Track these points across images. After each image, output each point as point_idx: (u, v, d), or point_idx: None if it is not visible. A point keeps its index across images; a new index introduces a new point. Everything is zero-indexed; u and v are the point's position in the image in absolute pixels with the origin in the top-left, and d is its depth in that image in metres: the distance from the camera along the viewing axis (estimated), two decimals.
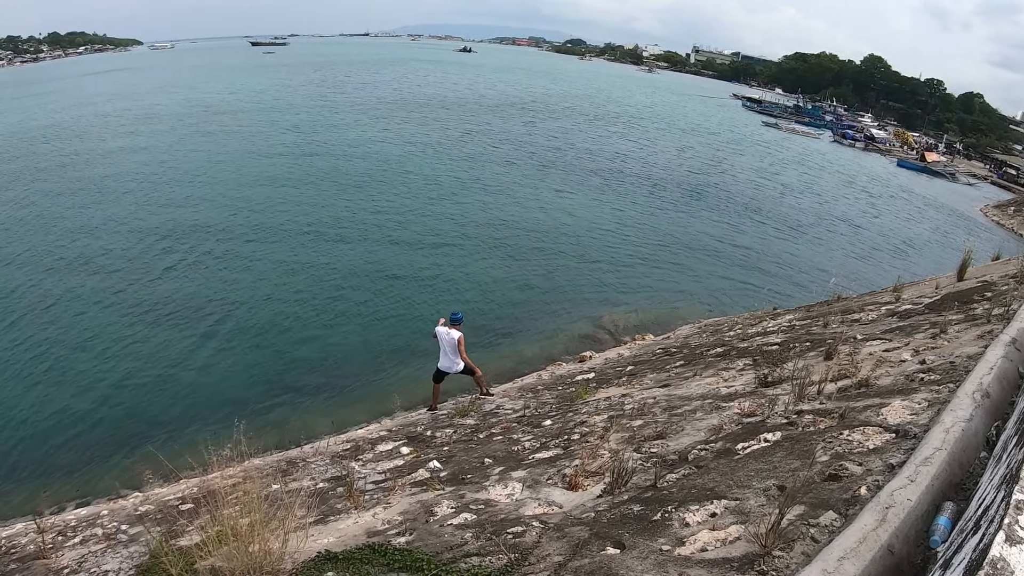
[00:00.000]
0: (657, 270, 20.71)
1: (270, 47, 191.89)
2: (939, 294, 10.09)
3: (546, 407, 8.34)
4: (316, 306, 16.23)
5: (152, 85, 74.15)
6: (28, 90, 79.32)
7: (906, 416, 4.14)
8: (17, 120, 48.75)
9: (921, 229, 35.15)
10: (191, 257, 19.17)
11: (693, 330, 14.84)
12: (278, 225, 22.01)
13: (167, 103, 55.22)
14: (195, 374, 13.19)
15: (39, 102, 61.97)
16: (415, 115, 50.77)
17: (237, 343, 14.42)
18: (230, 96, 60.19)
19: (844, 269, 22.87)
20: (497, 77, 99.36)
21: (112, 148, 35.46)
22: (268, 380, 13.00)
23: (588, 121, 55.78)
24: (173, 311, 15.77)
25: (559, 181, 31.56)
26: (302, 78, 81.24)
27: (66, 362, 13.54)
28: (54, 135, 40.46)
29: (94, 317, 15.44)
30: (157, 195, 25.62)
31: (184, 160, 31.85)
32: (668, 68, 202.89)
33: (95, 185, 27.41)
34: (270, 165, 30.76)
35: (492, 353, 14.31)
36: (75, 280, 17.57)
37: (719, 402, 5.86)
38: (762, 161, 47.37)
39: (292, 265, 18.63)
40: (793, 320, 11.55)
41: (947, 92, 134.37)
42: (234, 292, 16.81)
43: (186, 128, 41.54)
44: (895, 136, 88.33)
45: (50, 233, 21.35)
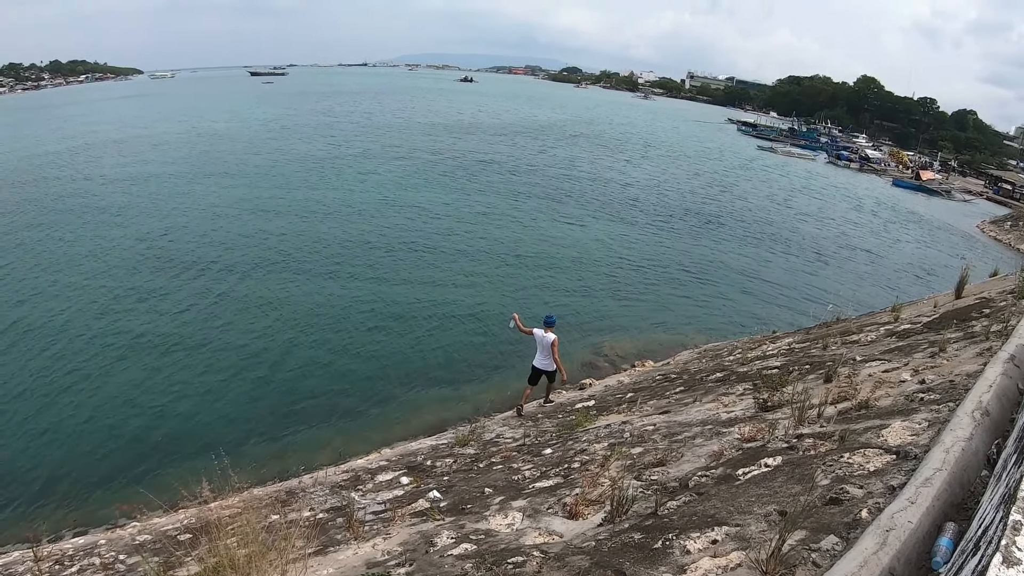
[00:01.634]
0: (657, 296, 20.70)
1: (269, 77, 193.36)
2: (937, 313, 10.11)
3: (546, 435, 8.29)
4: (316, 336, 16.17)
5: (158, 114, 75.18)
6: (36, 115, 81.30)
7: (906, 437, 4.12)
8: (29, 144, 49.71)
9: (918, 248, 35.28)
10: (192, 285, 19.23)
11: (693, 355, 14.80)
12: (281, 256, 22.03)
13: (175, 131, 55.89)
14: (195, 403, 13.13)
15: (47, 128, 63.33)
16: (423, 144, 51.42)
17: (236, 372, 14.35)
18: (237, 125, 60.85)
19: (842, 290, 22.91)
20: (500, 106, 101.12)
21: (122, 175, 35.81)
22: (268, 410, 12.92)
23: (591, 148, 56.34)
24: (173, 340, 15.74)
25: (558, 208, 31.71)
26: (306, 107, 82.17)
27: (65, 389, 13.50)
28: (66, 161, 41.12)
29: (94, 344, 15.40)
30: (162, 223, 25.74)
31: (189, 190, 32.05)
32: (664, 94, 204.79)
33: (100, 212, 27.66)
34: (276, 195, 30.94)
35: (492, 380, 14.31)
36: (75, 305, 17.64)
37: (719, 428, 5.83)
38: (757, 185, 47.66)
39: (292, 296, 18.62)
40: (792, 343, 11.54)
41: (940, 110, 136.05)
42: (234, 322, 16.79)
43: (193, 158, 41.91)
44: (890, 156, 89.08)
45: (53, 258, 21.52)
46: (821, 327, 13.00)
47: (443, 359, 15.24)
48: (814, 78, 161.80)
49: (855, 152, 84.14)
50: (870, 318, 12.45)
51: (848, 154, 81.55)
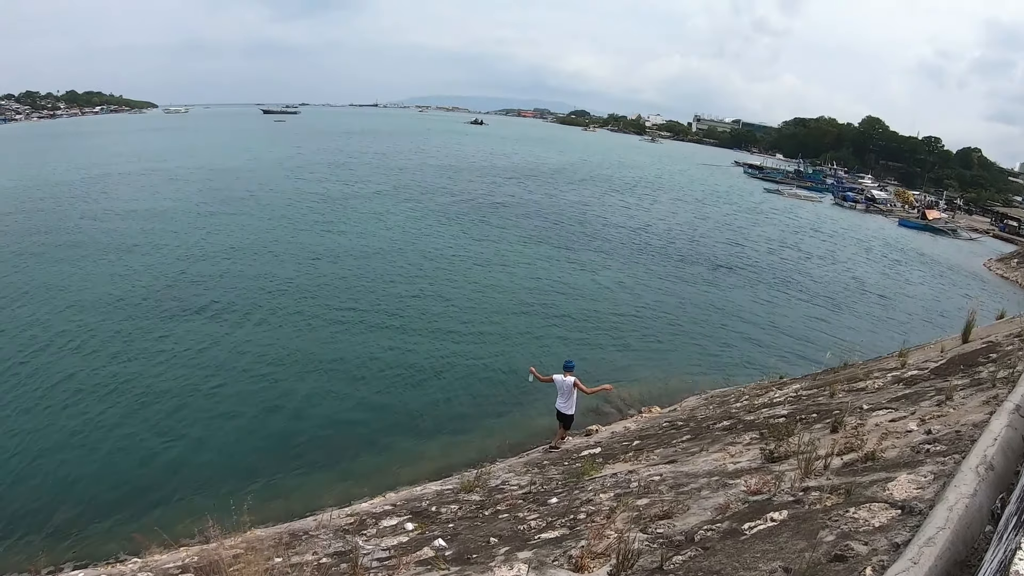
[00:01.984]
0: (664, 340, 20.68)
1: (281, 115, 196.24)
2: (944, 358, 10.07)
3: (552, 483, 8.24)
4: (322, 378, 16.22)
5: (173, 148, 77.42)
6: (53, 144, 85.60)
7: (912, 491, 4.11)
8: (45, 173, 51.65)
9: (925, 289, 35.24)
10: (201, 324, 19.38)
11: (700, 401, 14.72)
12: (289, 297, 22.22)
13: (190, 167, 57.36)
14: (200, 440, 13.16)
15: (64, 157, 65.93)
16: (434, 185, 52.55)
17: (242, 411, 14.40)
18: (251, 163, 62.23)
19: (849, 334, 22.85)
20: (510, 148, 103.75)
21: (137, 209, 36.65)
22: (273, 449, 12.93)
23: (600, 192, 57.20)
24: (178, 374, 15.86)
25: (566, 252, 31.95)
26: (320, 147, 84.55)
27: (67, 421, 13.57)
28: (81, 192, 42.39)
29: (100, 379, 15.50)
30: (175, 260, 26.17)
31: (203, 226, 32.67)
32: (671, 137, 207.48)
33: (114, 246, 28.24)
34: (288, 235, 31.39)
35: (498, 426, 14.27)
36: (84, 337, 17.87)
37: (725, 479, 5.81)
38: (764, 228, 48.01)
39: (300, 337, 18.70)
40: (800, 390, 11.48)
41: (945, 149, 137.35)
42: (240, 361, 16.88)
43: (207, 194, 42.75)
44: (896, 196, 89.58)
45: (65, 291, 21.94)
46: (828, 373, 12.95)
47: (449, 404, 15.24)
48: (819, 119, 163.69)
49: (861, 193, 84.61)
50: (877, 364, 12.40)
51: (854, 195, 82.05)
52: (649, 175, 79.78)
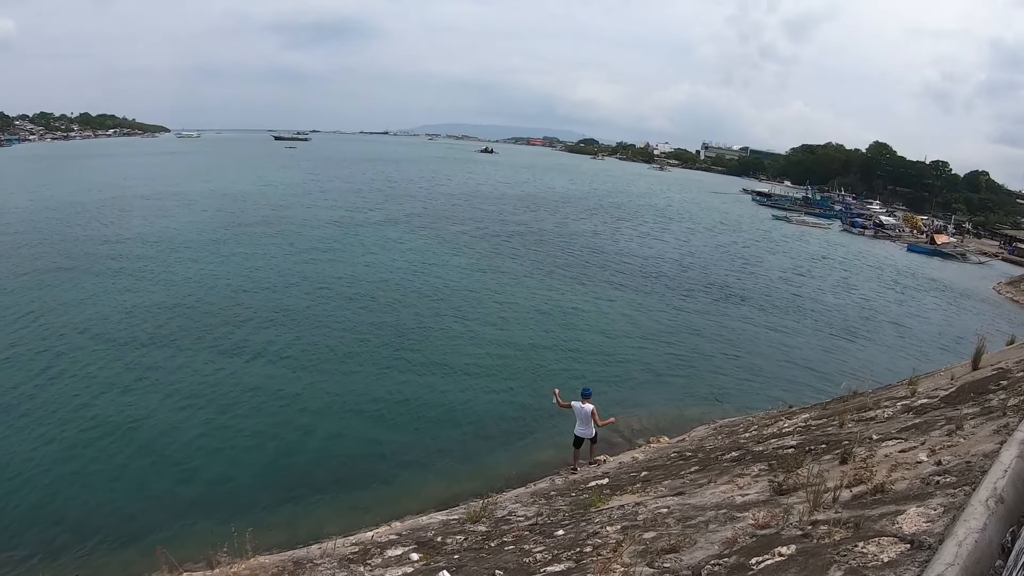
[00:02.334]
0: (673, 370, 20.52)
1: (292, 142, 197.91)
2: (954, 386, 10.00)
3: (559, 515, 8.16)
4: (329, 405, 16.19)
5: (187, 173, 79.38)
6: (68, 165, 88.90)
7: (922, 524, 4.06)
8: (62, 194, 52.94)
9: (935, 314, 35.03)
10: (207, 347, 19.51)
11: (708, 432, 14.60)
12: (299, 322, 22.33)
13: (203, 191, 58.52)
14: (203, 466, 13.12)
15: (79, 177, 68.79)
16: (447, 212, 53.24)
17: (248, 437, 14.38)
18: (264, 189, 63.30)
19: (859, 361, 22.69)
20: (521, 176, 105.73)
21: (151, 232, 37.26)
22: (278, 476, 12.87)
23: (611, 220, 57.51)
24: (184, 400, 15.88)
25: (576, 281, 31.99)
26: (332, 173, 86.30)
27: (71, 444, 13.58)
28: (95, 215, 43.05)
29: (104, 402, 15.57)
30: (189, 283, 26.50)
31: (217, 250, 33.12)
32: (679, 165, 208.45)
33: (126, 265, 28.93)
34: (301, 261, 31.73)
35: (505, 455, 14.17)
36: (87, 361, 17.97)
37: (733, 512, 5.75)
38: (773, 256, 48.04)
39: (308, 363, 18.71)
40: (809, 419, 11.39)
41: (953, 173, 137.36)
42: (248, 385, 16.90)
43: (220, 219, 43.47)
44: (904, 221, 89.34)
45: (82, 308, 22.44)
46: (837, 402, 12.85)
47: (456, 433, 15.13)
48: (827, 146, 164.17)
49: (869, 219, 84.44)
50: (887, 392, 12.31)
51: (862, 221, 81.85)
52: (659, 203, 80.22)
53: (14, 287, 24.65)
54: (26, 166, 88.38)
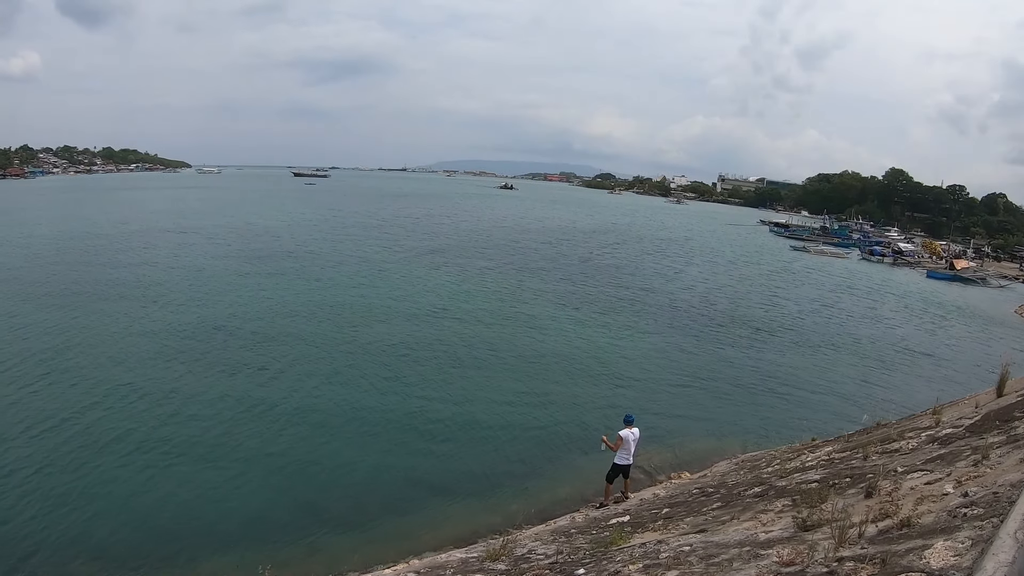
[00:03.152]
0: (693, 404, 20.30)
1: (312, 178, 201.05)
2: (979, 414, 9.84)
3: (579, 553, 8.03)
4: (347, 438, 16.17)
5: (211, 207, 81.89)
6: (94, 197, 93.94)
7: (949, 559, 3.97)
8: (85, 226, 54.80)
9: (958, 341, 34.55)
10: (229, 376, 19.79)
11: (730, 467, 14.39)
12: (320, 353, 22.54)
13: (229, 226, 60.01)
14: (220, 496, 13.13)
15: (104, 209, 72.48)
16: (471, 247, 54.01)
17: (265, 467, 14.41)
18: (288, 224, 64.53)
19: (883, 391, 22.40)
20: (541, 212, 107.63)
21: (178, 265, 38.22)
22: (296, 507, 12.83)
23: (634, 255, 57.84)
24: (204, 429, 16.04)
25: (599, 314, 31.99)
26: (354, 209, 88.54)
27: (80, 471, 13.66)
28: (122, 246, 44.67)
29: (121, 430, 15.73)
30: (211, 314, 26.91)
31: (242, 284, 33.72)
32: (696, 198, 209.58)
33: (154, 295, 29.75)
34: (324, 296, 32.00)
35: (524, 491, 14.00)
36: (107, 389, 18.27)
37: (757, 549, 5.65)
38: (793, 287, 47.79)
39: (327, 395, 18.77)
40: (832, 452, 11.21)
41: (970, 196, 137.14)
42: (266, 419, 16.95)
43: (246, 253, 44.22)
44: (923, 247, 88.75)
45: (112, 339, 22.83)
46: (861, 434, 12.66)
47: (475, 468, 15.04)
48: (843, 174, 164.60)
49: (887, 246, 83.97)
50: (911, 422, 12.11)
51: (881, 249, 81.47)
52: (678, 236, 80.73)
53: (46, 317, 25.24)
54: (52, 198, 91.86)
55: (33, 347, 21.59)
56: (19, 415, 16.15)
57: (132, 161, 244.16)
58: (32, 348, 21.49)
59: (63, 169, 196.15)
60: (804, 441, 14.75)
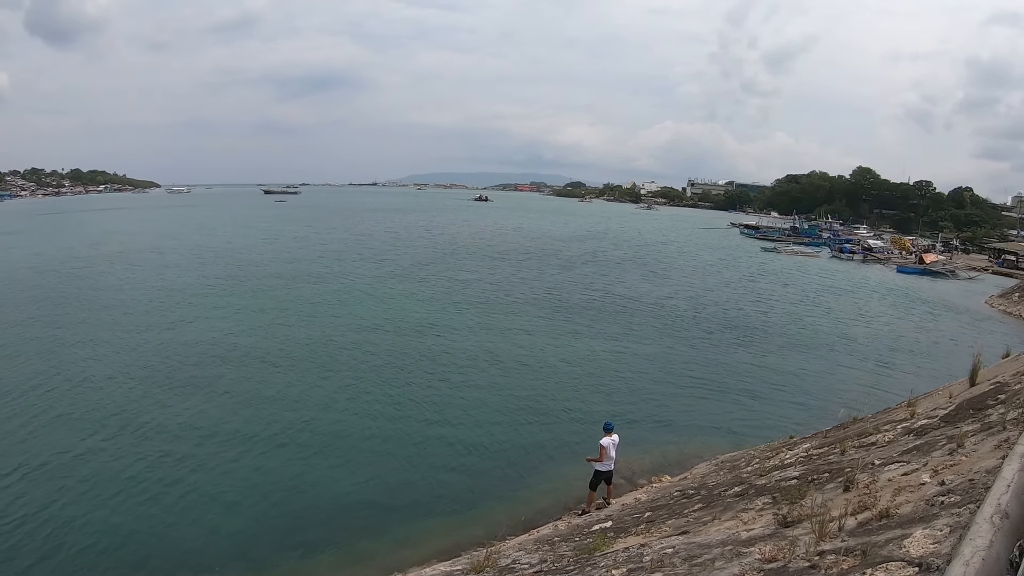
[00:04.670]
0: (670, 407, 20.34)
1: (282, 196, 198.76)
2: (953, 404, 9.95)
3: (563, 560, 7.97)
4: (328, 449, 16.16)
5: (184, 227, 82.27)
6: (64, 220, 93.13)
7: (928, 547, 3.98)
8: (62, 249, 54.23)
9: (929, 333, 35.07)
10: (208, 397, 19.67)
11: (710, 468, 14.41)
12: (299, 371, 22.48)
13: (207, 246, 60.17)
14: (199, 517, 12.93)
15: (78, 232, 73.09)
16: (452, 260, 54.33)
17: (243, 488, 14.20)
18: (264, 242, 64.64)
19: (857, 386, 22.64)
20: (515, 223, 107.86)
21: (162, 286, 38.01)
22: (274, 528, 12.66)
23: (613, 261, 58.44)
24: (183, 450, 15.86)
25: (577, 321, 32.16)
26: (329, 226, 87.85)
27: (65, 491, 13.54)
28: (102, 269, 44.34)
29: (106, 450, 15.66)
30: (201, 334, 26.94)
31: (228, 304, 33.57)
32: (666, 203, 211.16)
33: (142, 319, 29.58)
34: (309, 313, 31.93)
35: (506, 502, 13.93)
36: (89, 409, 18.24)
37: (739, 548, 5.63)
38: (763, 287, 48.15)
39: (306, 414, 18.56)
40: (810, 449, 11.28)
41: (937, 191, 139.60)
42: (243, 435, 16.80)
43: (229, 272, 44.13)
44: (892, 243, 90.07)
45: (85, 361, 22.80)
46: (838, 429, 12.75)
47: (456, 480, 14.93)
48: (811, 175, 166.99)
49: (857, 244, 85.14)
50: (886, 415, 12.22)
51: (851, 247, 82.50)
52: (652, 241, 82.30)
53: (30, 347, 24.74)
54: (22, 222, 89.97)
55: (21, 372, 21.46)
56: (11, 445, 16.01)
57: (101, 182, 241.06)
58: (20, 373, 21.34)
59: (31, 192, 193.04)
60: (782, 439, 14.84)
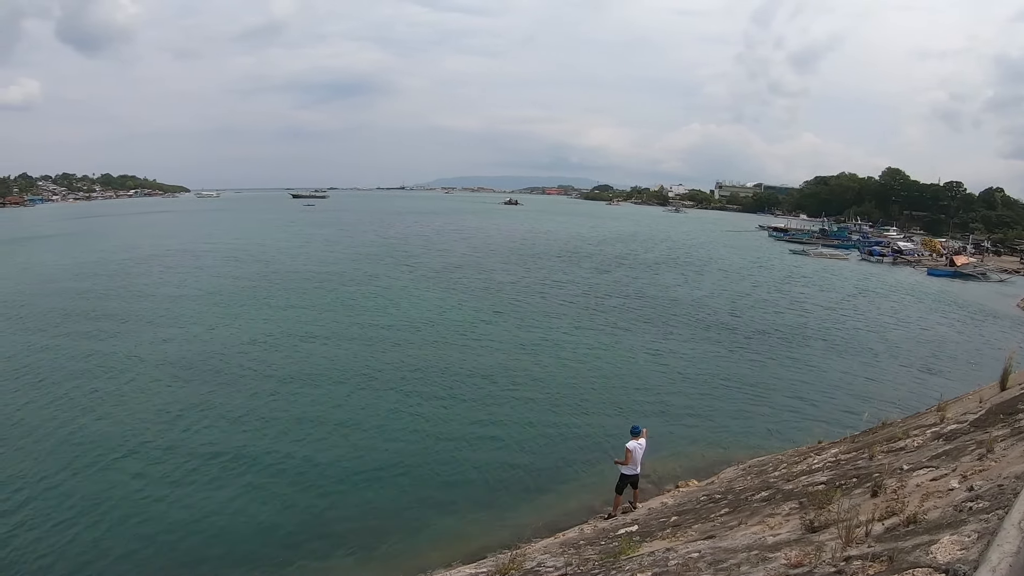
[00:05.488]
0: (699, 411, 20.21)
1: (310, 200, 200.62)
2: (983, 408, 9.84)
3: (589, 564, 8.01)
4: (351, 455, 16.20)
5: (217, 230, 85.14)
6: (95, 224, 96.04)
7: (956, 552, 3.98)
8: (96, 255, 55.64)
9: (961, 337, 34.48)
10: (241, 393, 20.19)
11: (737, 472, 14.34)
12: (334, 371, 22.83)
13: (242, 248, 61.64)
14: (227, 514, 13.20)
15: (112, 235, 76.29)
16: (487, 263, 54.88)
17: (272, 485, 14.47)
18: (297, 246, 66.00)
19: (887, 390, 22.38)
20: (546, 226, 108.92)
21: (201, 289, 39.02)
22: (296, 530, 12.77)
23: (645, 264, 58.57)
24: (211, 443, 16.34)
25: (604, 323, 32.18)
26: (361, 229, 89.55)
27: (82, 488, 13.89)
28: (143, 271, 46.30)
29: (132, 443, 16.11)
30: (237, 334, 27.68)
31: (265, 306, 34.34)
32: (694, 206, 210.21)
33: (183, 316, 30.97)
34: (346, 316, 32.35)
35: (532, 505, 14.00)
36: (114, 403, 18.95)
37: (765, 553, 5.64)
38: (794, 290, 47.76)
39: (333, 414, 18.83)
40: (838, 454, 11.19)
41: (968, 192, 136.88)
42: (271, 437, 17.07)
43: (266, 275, 45.00)
44: (922, 245, 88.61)
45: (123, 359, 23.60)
46: (866, 434, 12.63)
47: (483, 482, 15.01)
48: (840, 176, 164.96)
49: (887, 246, 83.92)
50: (915, 420, 12.09)
51: (880, 249, 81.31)
52: (682, 243, 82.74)
53: (70, 345, 25.71)
54: (58, 226, 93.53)
55: (67, 368, 22.44)
56: (40, 433, 16.74)
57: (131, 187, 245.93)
58: (65, 369, 22.33)
59: (62, 196, 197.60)
60: (810, 444, 14.70)
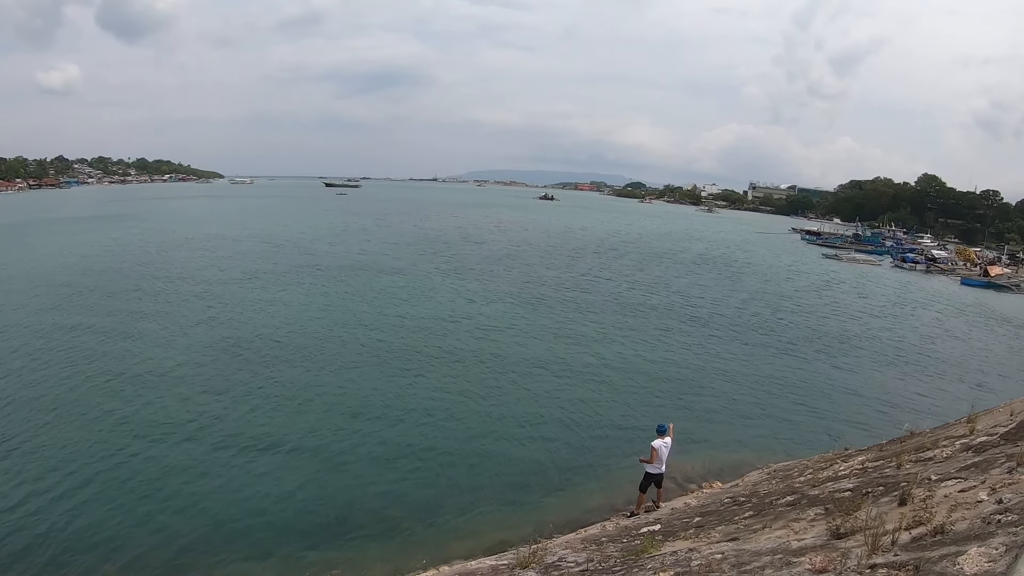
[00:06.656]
0: (725, 414, 20.11)
1: (343, 189, 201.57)
2: (1014, 421, 9.75)
3: (610, 561, 8.09)
4: (376, 445, 16.41)
5: (254, 216, 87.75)
6: (133, 207, 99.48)
7: (983, 564, 4.00)
8: (139, 236, 58.08)
9: (992, 348, 33.87)
10: (254, 382, 20.47)
11: (762, 476, 14.30)
12: (365, 360, 23.25)
13: (281, 235, 63.40)
14: (252, 501, 13.40)
15: (151, 217, 79.76)
16: (524, 257, 55.35)
17: (289, 474, 14.64)
18: (342, 233, 67.84)
19: (917, 400, 22.09)
20: (581, 222, 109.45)
21: (241, 271, 40.64)
22: (322, 515, 13.00)
23: (680, 264, 58.21)
24: (237, 428, 16.67)
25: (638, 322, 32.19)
26: (397, 219, 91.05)
27: (107, 481, 14.00)
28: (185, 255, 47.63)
29: (140, 434, 16.34)
30: (272, 318, 28.71)
31: (302, 291, 35.50)
32: (727, 206, 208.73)
33: (225, 299, 32.12)
34: (383, 305, 32.90)
35: (554, 500, 14.09)
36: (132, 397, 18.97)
37: (789, 557, 5.68)
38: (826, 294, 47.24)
39: (358, 403, 19.13)
40: (865, 462, 11.13)
41: (1005, 201, 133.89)
42: (292, 423, 17.36)
43: (306, 261, 46.58)
44: (956, 254, 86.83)
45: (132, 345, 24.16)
46: (894, 443, 12.53)
47: (506, 477, 15.10)
48: (875, 181, 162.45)
49: (920, 253, 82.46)
50: (945, 431, 11.97)
51: (913, 256, 79.88)
52: (715, 242, 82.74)
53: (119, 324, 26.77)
54: (98, 209, 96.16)
55: (106, 349, 23.27)
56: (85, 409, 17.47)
57: (165, 172, 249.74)
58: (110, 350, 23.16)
59: (97, 179, 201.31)
60: (836, 450, 14.62)
